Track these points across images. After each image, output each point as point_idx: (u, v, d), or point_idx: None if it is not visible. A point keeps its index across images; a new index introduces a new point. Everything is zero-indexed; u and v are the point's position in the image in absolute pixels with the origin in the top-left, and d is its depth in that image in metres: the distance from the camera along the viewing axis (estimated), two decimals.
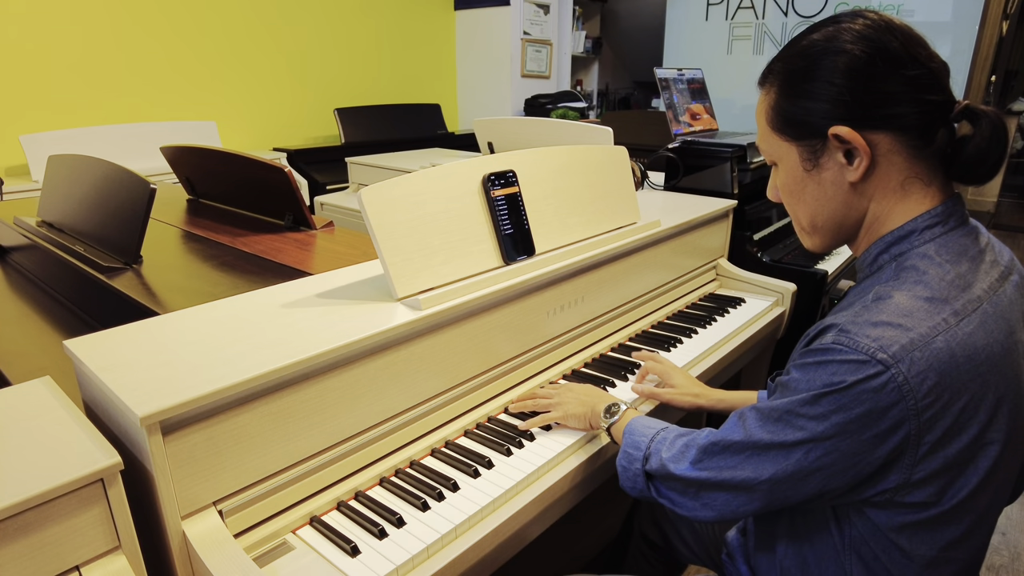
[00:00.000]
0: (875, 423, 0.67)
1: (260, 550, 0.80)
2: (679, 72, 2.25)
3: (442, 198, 1.04)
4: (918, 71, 0.71)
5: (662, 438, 0.88)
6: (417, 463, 0.98)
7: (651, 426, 0.92)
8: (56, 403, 0.76)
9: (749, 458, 0.76)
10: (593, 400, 1.05)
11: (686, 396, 1.17)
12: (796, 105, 0.77)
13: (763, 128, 0.83)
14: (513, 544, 0.93)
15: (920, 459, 0.68)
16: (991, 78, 4.72)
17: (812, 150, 0.77)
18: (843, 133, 0.73)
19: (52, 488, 0.62)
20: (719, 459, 0.79)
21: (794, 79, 0.77)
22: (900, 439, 0.67)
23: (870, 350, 0.66)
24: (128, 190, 1.28)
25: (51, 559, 0.65)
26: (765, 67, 0.82)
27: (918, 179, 0.75)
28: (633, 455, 0.90)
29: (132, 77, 3.04)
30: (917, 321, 0.67)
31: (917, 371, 0.65)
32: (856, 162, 0.75)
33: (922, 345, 0.66)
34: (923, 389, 0.65)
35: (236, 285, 1.16)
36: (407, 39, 4.25)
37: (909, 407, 0.66)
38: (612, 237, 1.32)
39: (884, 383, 0.65)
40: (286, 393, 0.81)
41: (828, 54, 0.73)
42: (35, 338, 1.21)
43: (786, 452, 0.73)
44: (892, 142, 0.73)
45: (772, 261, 1.83)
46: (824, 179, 0.78)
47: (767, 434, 0.74)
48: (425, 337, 0.98)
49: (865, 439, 0.68)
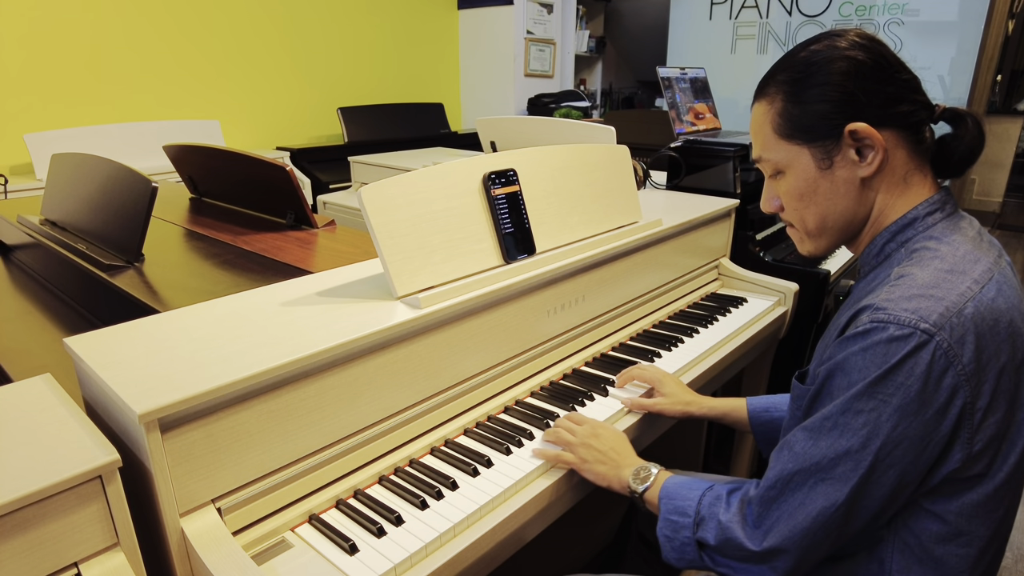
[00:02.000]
0: (933, 397, 0.68)
1: (258, 548, 0.80)
2: (682, 71, 2.25)
3: (442, 196, 1.04)
4: (908, 75, 0.79)
5: (712, 500, 0.82)
6: (416, 461, 0.98)
7: (694, 487, 0.85)
8: (56, 400, 0.77)
9: (816, 485, 0.72)
10: (619, 460, 0.96)
11: (677, 405, 1.13)
12: (807, 109, 0.80)
13: (767, 138, 0.85)
14: (512, 543, 0.93)
15: (977, 428, 0.70)
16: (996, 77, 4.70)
17: (826, 150, 0.80)
18: (860, 129, 0.77)
19: (51, 485, 0.62)
20: (784, 504, 0.74)
21: (801, 85, 0.81)
22: (959, 409, 0.69)
23: (912, 321, 0.68)
24: (130, 188, 1.29)
25: (49, 556, 0.65)
26: (761, 81, 0.86)
27: (918, 171, 0.81)
28: (679, 523, 0.83)
29: (135, 76, 3.05)
30: (945, 291, 0.70)
31: (957, 336, 0.68)
32: (870, 157, 0.79)
33: (956, 312, 0.69)
34: (967, 354, 0.68)
35: (237, 283, 1.16)
36: (411, 38, 4.25)
37: (959, 372, 0.68)
38: (613, 236, 1.32)
39: (932, 351, 0.67)
40: (285, 391, 0.81)
41: (833, 60, 0.78)
42: (37, 335, 1.22)
43: (855, 460, 0.70)
44: (896, 138, 0.79)
45: (774, 261, 1.82)
46: (837, 177, 0.81)
47: (828, 448, 0.72)
48: (425, 336, 0.98)
49: (928, 418, 0.68)
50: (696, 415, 1.14)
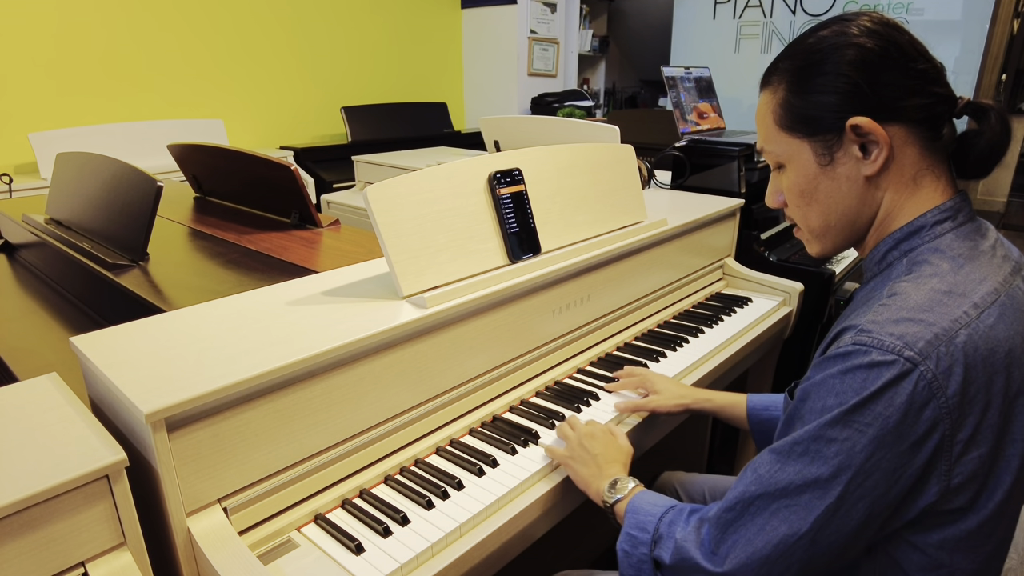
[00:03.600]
0: (911, 430, 0.63)
1: (265, 547, 0.80)
2: (686, 71, 2.25)
3: (448, 196, 1.03)
4: (925, 64, 0.72)
5: (673, 517, 0.78)
6: (422, 461, 0.98)
7: (659, 504, 0.81)
8: (62, 399, 0.77)
9: (779, 511, 0.68)
10: (603, 468, 0.92)
11: (672, 399, 1.11)
12: (808, 100, 0.75)
13: (769, 129, 0.81)
14: (518, 543, 0.92)
15: (956, 461, 0.65)
16: (1001, 77, 4.68)
17: (827, 145, 0.76)
18: (863, 124, 0.72)
19: (57, 484, 0.62)
20: (744, 527, 0.69)
21: (805, 74, 0.76)
22: (936, 443, 0.64)
23: (895, 348, 0.63)
24: (135, 188, 1.29)
25: (56, 555, 0.65)
26: (768, 67, 0.81)
27: (930, 172, 0.75)
28: (638, 538, 0.79)
29: (140, 75, 3.05)
30: (938, 316, 0.65)
31: (944, 367, 0.63)
32: (874, 154, 0.73)
33: (946, 340, 0.64)
34: (952, 386, 0.63)
35: (242, 282, 1.16)
36: (414, 38, 4.25)
37: (940, 405, 0.63)
38: (618, 236, 1.32)
39: (915, 381, 0.62)
40: (291, 391, 0.81)
41: (839, 48, 0.73)
42: (43, 334, 1.22)
43: (823, 489, 0.66)
44: (907, 134, 0.73)
45: (779, 261, 1.82)
46: (839, 174, 0.76)
47: (796, 475, 0.67)
48: (430, 335, 0.98)
49: (903, 450, 0.64)
50: (693, 408, 1.13)
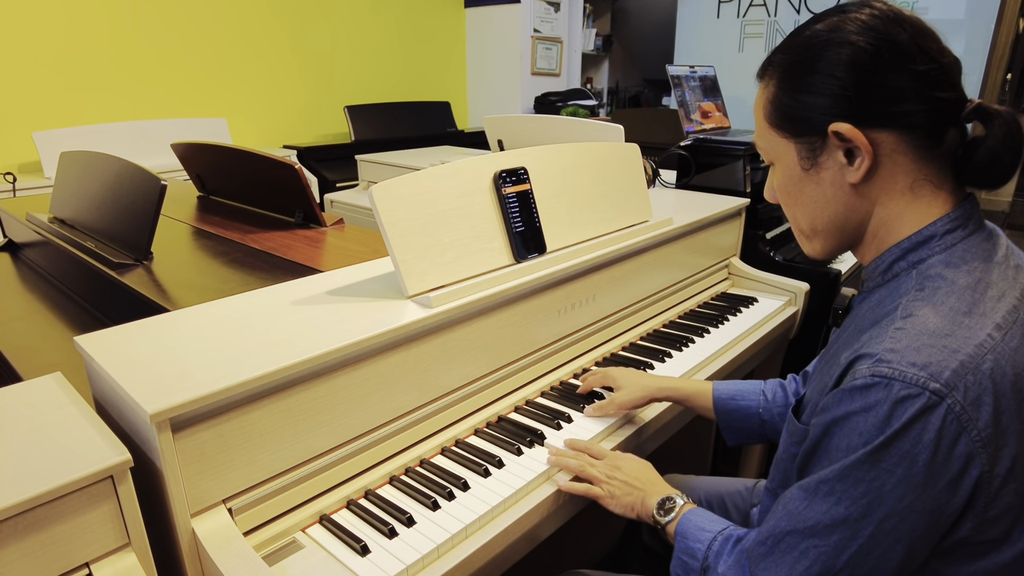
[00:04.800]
0: (944, 467, 0.59)
1: (269, 548, 0.80)
2: (691, 69, 2.24)
3: (453, 195, 1.03)
4: (928, 66, 0.66)
5: (720, 546, 0.77)
6: (427, 462, 0.97)
7: (707, 528, 0.80)
8: (67, 399, 0.76)
9: (810, 550, 0.65)
10: (645, 488, 0.91)
11: (635, 392, 1.08)
12: (795, 99, 0.72)
13: (760, 124, 0.78)
14: (524, 544, 0.92)
15: (995, 495, 0.61)
16: (1007, 76, 4.66)
17: (811, 148, 0.72)
18: (844, 131, 0.68)
19: (62, 485, 0.62)
20: (777, 565, 0.67)
21: (795, 71, 0.72)
22: (974, 480, 0.60)
23: (920, 380, 0.59)
24: (139, 187, 1.28)
25: (61, 556, 0.64)
26: (765, 59, 0.77)
27: (928, 182, 0.70)
28: (689, 564, 0.78)
29: (144, 74, 3.05)
30: (962, 341, 0.61)
31: (973, 397, 0.59)
32: (857, 162, 0.69)
33: (973, 368, 0.59)
34: (983, 417, 0.59)
35: (246, 282, 1.16)
36: (417, 37, 4.24)
37: (974, 439, 0.59)
38: (624, 235, 1.31)
39: (943, 415, 0.58)
40: (296, 391, 0.81)
41: (831, 45, 0.69)
42: (47, 334, 1.21)
43: (852, 530, 0.63)
44: (897, 142, 0.68)
45: (785, 260, 1.81)
46: (823, 179, 0.73)
47: (823, 514, 0.64)
48: (435, 335, 0.97)
49: (940, 490, 0.60)
50: (658, 397, 1.10)
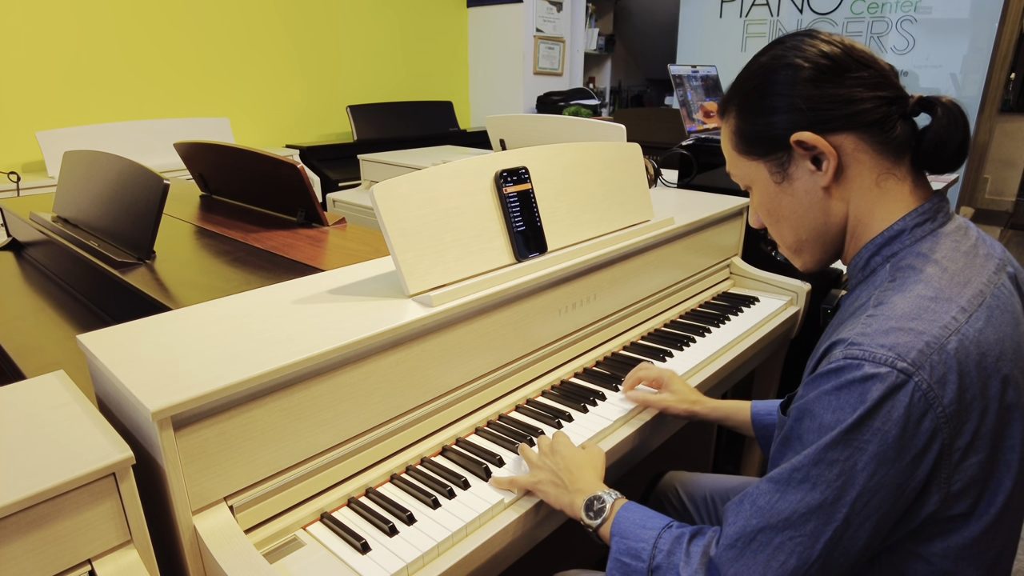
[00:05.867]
0: (911, 442, 0.63)
1: (271, 546, 0.80)
2: (693, 69, 2.24)
3: (455, 194, 1.03)
4: (863, 71, 0.73)
5: (670, 544, 0.74)
6: (428, 460, 0.98)
7: (648, 526, 0.78)
8: (69, 397, 0.77)
9: (785, 543, 0.66)
10: (572, 483, 0.87)
11: (683, 403, 1.11)
12: (756, 123, 0.79)
13: (730, 155, 0.85)
14: (523, 543, 0.92)
15: (955, 468, 0.65)
16: (1010, 75, 4.65)
17: (779, 163, 0.78)
18: (805, 138, 0.74)
19: (64, 482, 0.62)
20: (751, 564, 0.67)
21: (749, 100, 0.79)
22: (936, 453, 0.64)
23: (888, 359, 0.63)
24: (142, 186, 1.29)
25: (63, 553, 0.65)
26: (721, 99, 0.85)
27: (891, 175, 0.75)
28: (631, 566, 0.76)
29: (147, 74, 3.06)
30: (927, 324, 0.65)
31: (938, 376, 0.63)
32: (824, 165, 0.75)
33: (938, 348, 0.63)
34: (948, 395, 0.63)
35: (248, 281, 1.16)
36: (420, 36, 4.25)
37: (939, 415, 0.63)
38: (625, 235, 1.31)
39: (911, 393, 0.62)
40: (297, 389, 0.81)
41: (776, 70, 0.76)
42: (50, 332, 1.22)
43: (828, 514, 0.64)
44: (856, 141, 0.74)
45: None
46: (797, 189, 0.79)
47: (798, 503, 0.65)
48: (436, 334, 0.97)
49: (905, 464, 0.63)
50: (700, 415, 1.12)
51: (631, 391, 1.15)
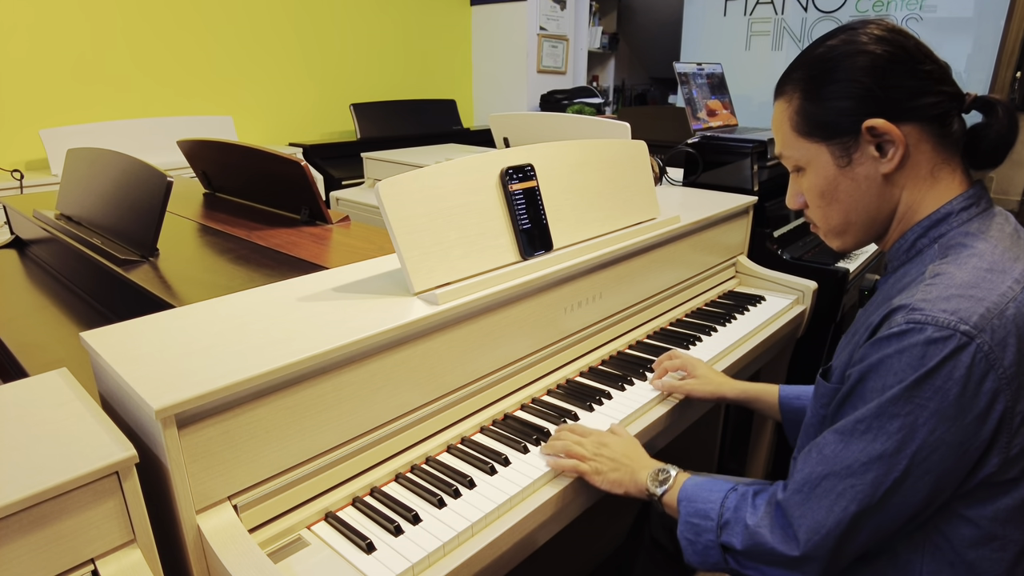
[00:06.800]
0: (973, 402, 0.66)
1: (275, 545, 0.80)
2: (698, 67, 2.23)
3: (460, 192, 1.02)
4: (931, 66, 0.76)
5: (737, 501, 0.80)
6: (433, 459, 0.97)
7: (715, 488, 0.83)
8: (72, 395, 0.76)
9: (848, 490, 0.70)
10: (633, 464, 0.94)
11: (709, 386, 1.15)
12: (823, 106, 0.79)
13: (787, 135, 0.85)
14: (530, 543, 0.91)
15: (1016, 432, 0.68)
16: (1016, 74, 4.62)
17: (844, 147, 0.79)
18: (878, 125, 0.76)
19: (67, 480, 0.62)
20: (815, 507, 0.72)
21: (818, 82, 0.80)
22: (999, 414, 0.67)
23: (951, 323, 0.66)
24: (145, 183, 1.28)
25: (66, 552, 0.64)
26: (780, 78, 0.85)
27: (946, 165, 0.78)
28: (701, 525, 0.81)
29: (150, 72, 3.05)
30: (986, 291, 0.68)
31: (999, 339, 0.66)
32: (891, 152, 0.77)
33: (998, 313, 0.67)
34: (1008, 357, 0.66)
35: (252, 279, 1.15)
36: (423, 34, 4.24)
37: (1000, 376, 0.66)
38: (631, 233, 1.30)
39: (972, 354, 0.65)
40: (302, 387, 0.80)
41: (850, 56, 0.77)
42: (53, 330, 1.22)
43: (887, 465, 0.68)
44: (920, 132, 0.77)
45: (792, 259, 1.80)
46: (858, 174, 0.80)
47: (861, 452, 0.70)
48: (442, 332, 0.96)
49: (968, 423, 0.66)
50: (728, 397, 1.16)
51: (658, 380, 1.18)
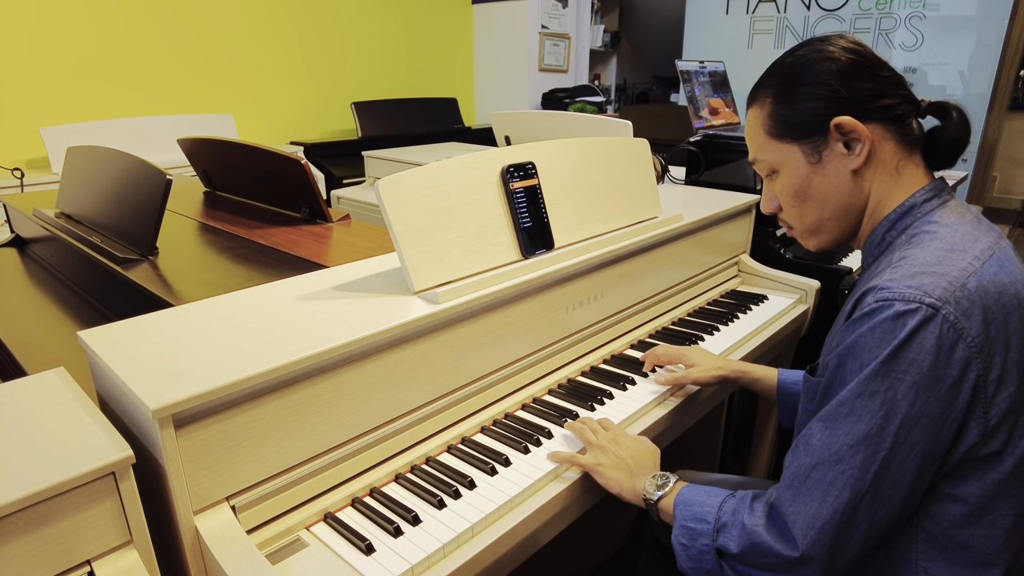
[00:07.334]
0: (946, 371, 0.68)
1: (273, 547, 0.79)
2: (701, 65, 2.22)
3: (461, 190, 1.01)
4: (889, 73, 0.83)
5: (735, 505, 0.79)
6: (433, 459, 0.96)
7: (713, 494, 0.83)
8: (69, 395, 0.75)
9: (838, 477, 0.70)
10: (635, 468, 0.93)
11: (710, 371, 1.17)
12: (794, 108, 0.85)
13: (760, 139, 0.90)
14: (531, 544, 0.91)
15: (991, 401, 0.70)
16: (1020, 73, 4.61)
17: (814, 145, 0.84)
18: (845, 123, 0.81)
19: (63, 481, 0.61)
20: (807, 501, 0.72)
21: (789, 87, 0.85)
22: (972, 383, 0.69)
23: (916, 296, 0.69)
24: (144, 181, 1.28)
25: (62, 553, 0.64)
26: (753, 88, 0.91)
27: (909, 161, 0.84)
28: (697, 530, 0.80)
29: (152, 70, 3.05)
30: (947, 267, 0.71)
31: (963, 309, 0.68)
32: (858, 148, 0.82)
33: (959, 286, 0.70)
34: (975, 326, 0.68)
35: (252, 277, 1.15)
36: (424, 33, 4.23)
37: (969, 345, 0.68)
38: (633, 231, 1.30)
39: (940, 324, 0.67)
40: (301, 387, 0.80)
41: (817, 61, 0.83)
42: (53, 328, 1.21)
43: (874, 444, 0.69)
44: (883, 130, 0.82)
45: (795, 258, 1.79)
46: (828, 171, 0.84)
47: (846, 435, 0.71)
48: (442, 331, 0.96)
49: (943, 392, 0.68)
50: (731, 378, 1.18)
51: (658, 376, 1.19)
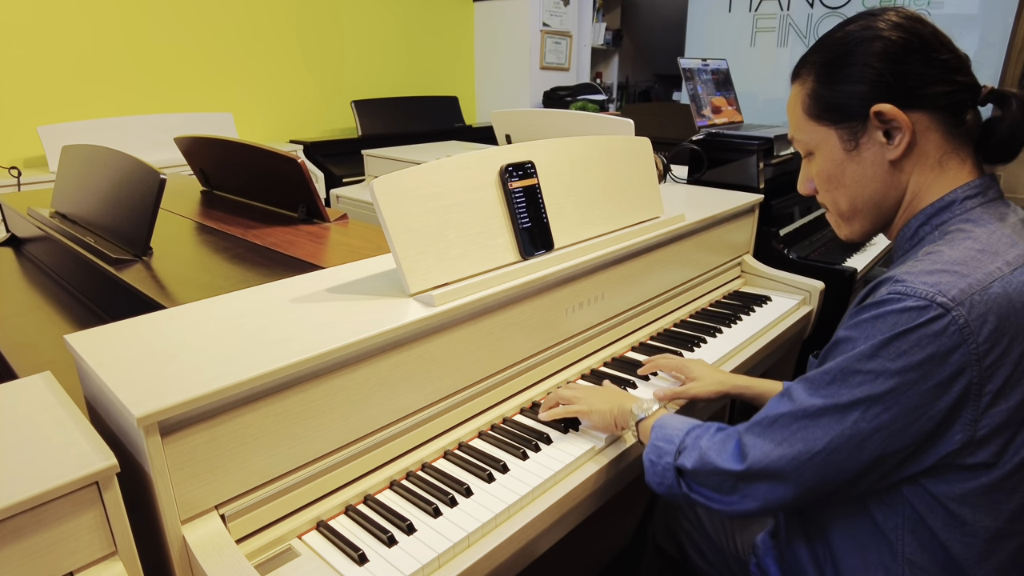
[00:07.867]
0: (937, 370, 0.66)
1: (264, 556, 0.77)
2: (703, 62, 2.19)
3: (458, 190, 0.99)
4: (948, 55, 0.76)
5: (699, 433, 0.84)
6: (429, 466, 0.94)
7: (686, 421, 0.89)
8: (54, 400, 0.74)
9: (799, 430, 0.72)
10: (619, 398, 1.01)
11: (711, 386, 1.14)
12: (835, 90, 0.79)
13: (798, 118, 0.85)
14: (527, 554, 0.88)
15: (983, 411, 0.67)
16: None
17: (852, 131, 0.79)
18: (886, 111, 0.76)
19: (44, 491, 0.59)
20: (765, 439, 0.75)
21: (832, 66, 0.80)
22: (962, 388, 0.66)
23: (929, 294, 0.66)
24: (138, 181, 1.26)
25: (44, 565, 0.62)
26: (798, 62, 0.86)
27: (955, 155, 0.78)
28: (664, 448, 0.86)
29: (150, 68, 3.03)
30: (972, 269, 0.68)
31: (977, 314, 0.65)
32: (897, 139, 0.77)
33: (980, 290, 0.66)
34: (983, 333, 0.65)
35: (247, 278, 1.13)
36: (425, 31, 4.21)
37: (971, 351, 0.65)
38: (634, 232, 1.27)
39: (945, 325, 0.65)
40: (293, 392, 0.78)
41: (865, 41, 0.77)
42: (46, 330, 1.19)
43: (841, 414, 0.70)
44: (929, 120, 0.76)
45: (799, 258, 1.76)
46: (864, 159, 0.80)
47: (820, 399, 0.72)
48: (438, 335, 0.94)
49: (927, 389, 0.66)
50: (732, 394, 1.15)
51: (658, 390, 1.15)
